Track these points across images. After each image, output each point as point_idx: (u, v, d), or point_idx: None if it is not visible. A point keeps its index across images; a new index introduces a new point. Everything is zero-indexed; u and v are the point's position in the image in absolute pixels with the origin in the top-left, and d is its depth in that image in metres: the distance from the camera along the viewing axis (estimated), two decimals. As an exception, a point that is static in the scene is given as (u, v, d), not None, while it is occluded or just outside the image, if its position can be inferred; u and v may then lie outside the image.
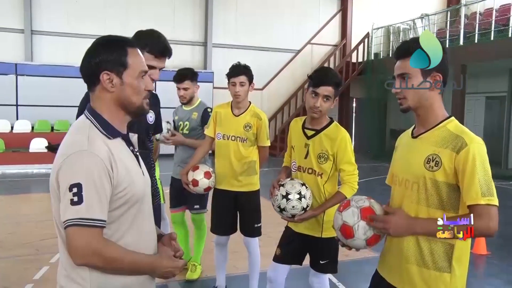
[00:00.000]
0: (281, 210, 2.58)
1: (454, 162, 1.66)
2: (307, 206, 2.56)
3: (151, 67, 2.20)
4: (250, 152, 3.43)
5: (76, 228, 1.32)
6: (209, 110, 3.99)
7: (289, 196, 2.54)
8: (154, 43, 2.24)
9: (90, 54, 1.48)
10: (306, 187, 2.59)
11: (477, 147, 1.65)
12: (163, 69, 2.33)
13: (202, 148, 3.57)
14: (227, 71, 3.43)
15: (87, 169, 1.35)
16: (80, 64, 1.50)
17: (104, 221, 1.37)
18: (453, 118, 1.79)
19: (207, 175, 3.39)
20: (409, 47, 1.78)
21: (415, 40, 1.80)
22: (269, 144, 3.54)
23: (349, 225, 1.79)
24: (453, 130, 1.73)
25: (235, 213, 3.54)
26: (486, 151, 1.69)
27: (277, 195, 2.59)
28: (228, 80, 3.41)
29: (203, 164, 3.53)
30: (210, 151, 3.73)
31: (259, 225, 3.50)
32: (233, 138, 3.40)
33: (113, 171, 1.40)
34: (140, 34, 2.27)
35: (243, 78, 3.36)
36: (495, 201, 1.62)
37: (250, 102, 3.50)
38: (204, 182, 3.38)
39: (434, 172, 1.71)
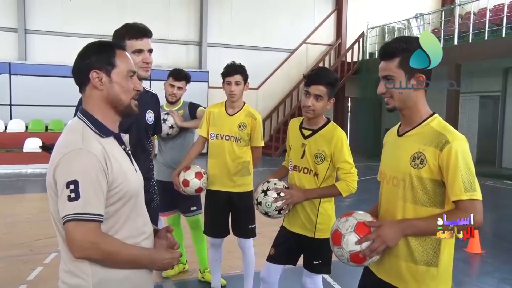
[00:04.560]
0: (266, 214, 2.66)
1: (438, 159, 1.71)
2: (278, 194, 2.60)
3: (139, 51, 2.32)
4: (244, 152, 3.42)
5: (73, 223, 1.38)
6: (193, 102, 4.00)
7: (258, 200, 2.65)
8: (130, 28, 2.35)
9: (82, 57, 1.57)
10: (268, 181, 2.67)
11: (459, 144, 1.70)
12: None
13: (195, 148, 3.56)
14: (222, 70, 3.42)
15: (83, 167, 1.41)
16: (72, 67, 1.59)
17: (101, 215, 1.42)
18: (436, 115, 1.84)
19: (199, 175, 3.37)
20: (392, 48, 1.81)
21: (398, 40, 1.84)
22: (263, 144, 3.53)
23: (341, 232, 1.79)
24: (436, 127, 1.78)
25: (229, 214, 3.52)
26: (469, 147, 1.74)
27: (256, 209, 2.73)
28: (223, 79, 3.39)
29: (194, 164, 3.51)
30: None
31: (253, 226, 3.49)
32: (227, 137, 3.39)
33: (108, 168, 1.46)
34: (116, 30, 2.40)
35: (238, 77, 3.35)
36: (478, 196, 1.68)
37: (244, 102, 3.49)
38: (195, 183, 3.35)
39: (419, 169, 1.75)
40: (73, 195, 1.38)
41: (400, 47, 1.79)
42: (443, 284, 1.81)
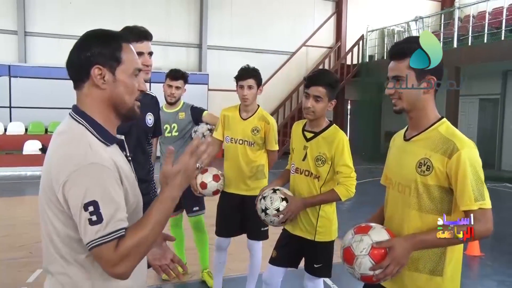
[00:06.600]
0: (274, 226, 2.73)
1: (446, 166, 1.66)
2: (278, 209, 2.61)
3: (140, 54, 2.26)
4: (258, 156, 3.40)
5: (99, 247, 1.23)
6: (195, 106, 4.00)
7: (261, 218, 2.68)
8: (130, 31, 2.34)
9: (80, 47, 1.35)
10: (264, 198, 2.65)
11: (469, 152, 1.65)
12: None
13: (210, 151, 3.53)
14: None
15: (100, 184, 1.24)
16: (67, 58, 1.37)
17: (124, 228, 1.26)
18: (444, 119, 1.78)
19: (216, 178, 3.38)
20: (403, 48, 1.76)
21: (409, 41, 1.80)
22: (278, 148, 3.49)
23: (354, 253, 1.68)
24: (444, 133, 1.72)
25: (241, 216, 3.48)
26: (479, 154, 1.69)
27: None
28: (236, 83, 3.38)
29: (211, 167, 3.49)
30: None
31: (265, 228, 3.44)
32: (240, 141, 3.38)
33: (122, 182, 1.32)
34: None
35: (251, 82, 3.33)
36: (488, 205, 1.64)
37: (258, 106, 3.48)
38: (212, 185, 3.35)
39: (426, 176, 1.70)
40: (94, 218, 1.22)
41: (411, 47, 1.73)
42: None
